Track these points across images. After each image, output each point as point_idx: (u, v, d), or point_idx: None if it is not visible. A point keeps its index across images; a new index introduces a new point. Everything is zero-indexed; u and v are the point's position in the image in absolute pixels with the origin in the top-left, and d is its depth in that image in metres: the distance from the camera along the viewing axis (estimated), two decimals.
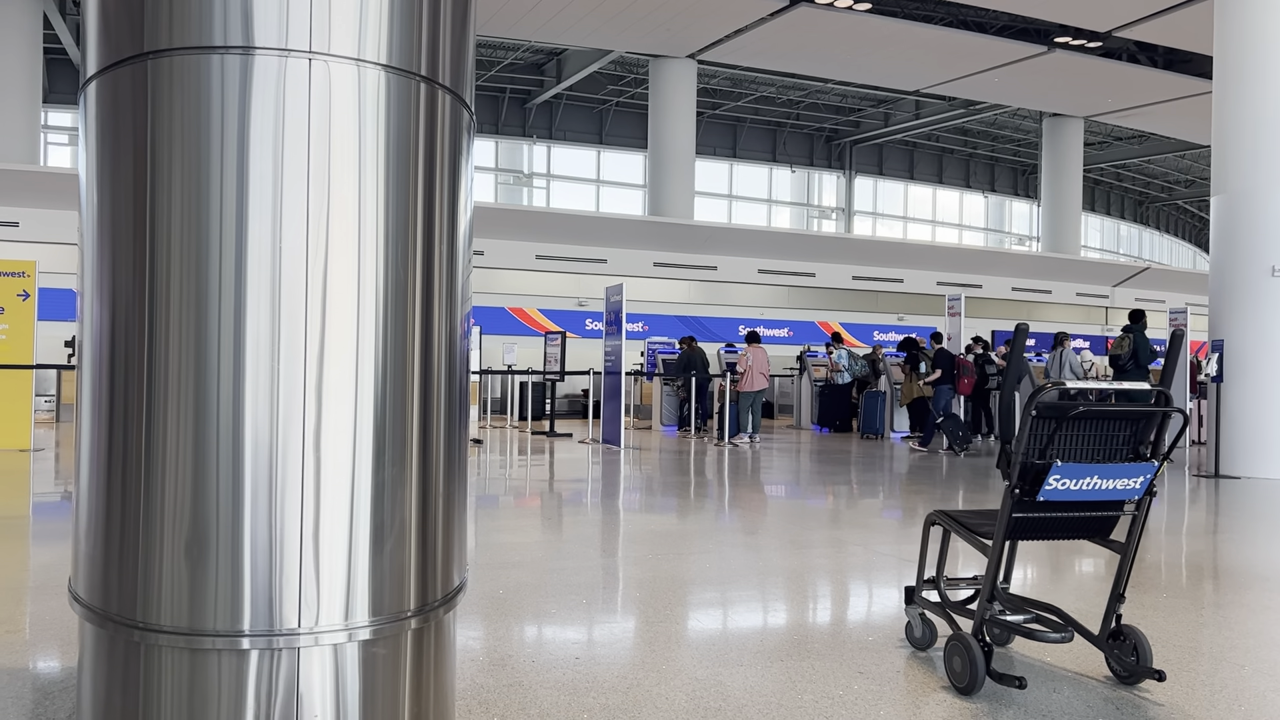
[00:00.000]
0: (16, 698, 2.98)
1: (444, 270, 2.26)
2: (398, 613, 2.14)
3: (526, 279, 19.37)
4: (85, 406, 2.19)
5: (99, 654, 2.15)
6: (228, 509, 2.01)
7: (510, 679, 3.18)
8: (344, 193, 2.07)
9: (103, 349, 2.14)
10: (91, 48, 2.20)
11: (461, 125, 2.31)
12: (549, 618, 4.03)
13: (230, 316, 2.01)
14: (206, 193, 2.01)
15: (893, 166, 30.70)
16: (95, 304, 2.16)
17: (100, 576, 2.12)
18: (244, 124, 2.01)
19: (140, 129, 2.06)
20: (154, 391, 2.04)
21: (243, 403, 2.01)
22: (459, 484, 2.37)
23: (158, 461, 2.03)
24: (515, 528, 6.45)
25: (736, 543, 5.96)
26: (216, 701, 2.01)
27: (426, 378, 2.22)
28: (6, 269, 10.61)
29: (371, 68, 2.08)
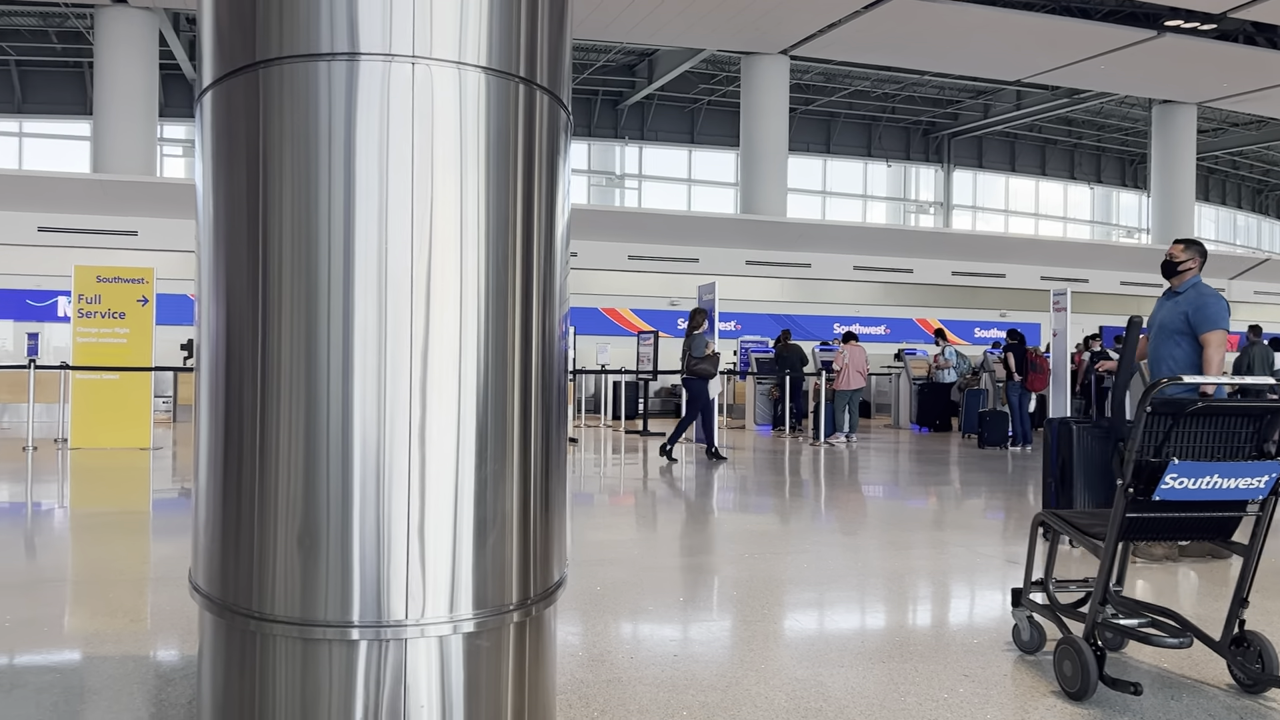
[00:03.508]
0: (141, 683, 3.12)
1: (542, 270, 2.28)
2: (500, 606, 2.18)
3: (619, 279, 19.47)
4: (203, 406, 2.28)
5: (217, 642, 2.24)
6: (337, 503, 2.07)
7: (609, 675, 3.20)
8: (446, 195, 2.11)
9: (219, 351, 2.22)
10: (207, 60, 2.29)
11: (559, 125, 2.33)
12: (646, 615, 4.04)
13: (339, 317, 2.07)
14: (315, 197, 2.07)
15: (993, 159, 29.90)
16: (212, 307, 2.25)
17: (218, 568, 2.20)
18: (350, 128, 2.06)
19: (253, 136, 2.13)
20: (267, 391, 2.11)
21: (351, 401, 2.07)
22: (559, 481, 2.40)
23: (271, 458, 2.10)
24: (610, 525, 6.49)
25: (833, 543, 5.88)
26: (328, 689, 2.07)
27: (526, 376, 2.25)
28: (127, 275, 11.13)
29: (472, 70, 2.11)
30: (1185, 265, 5.14)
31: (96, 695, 2.98)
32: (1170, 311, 5.17)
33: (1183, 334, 5.05)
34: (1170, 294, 5.23)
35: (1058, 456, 5.68)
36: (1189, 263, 5.15)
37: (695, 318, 10.95)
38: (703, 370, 10.73)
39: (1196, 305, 4.99)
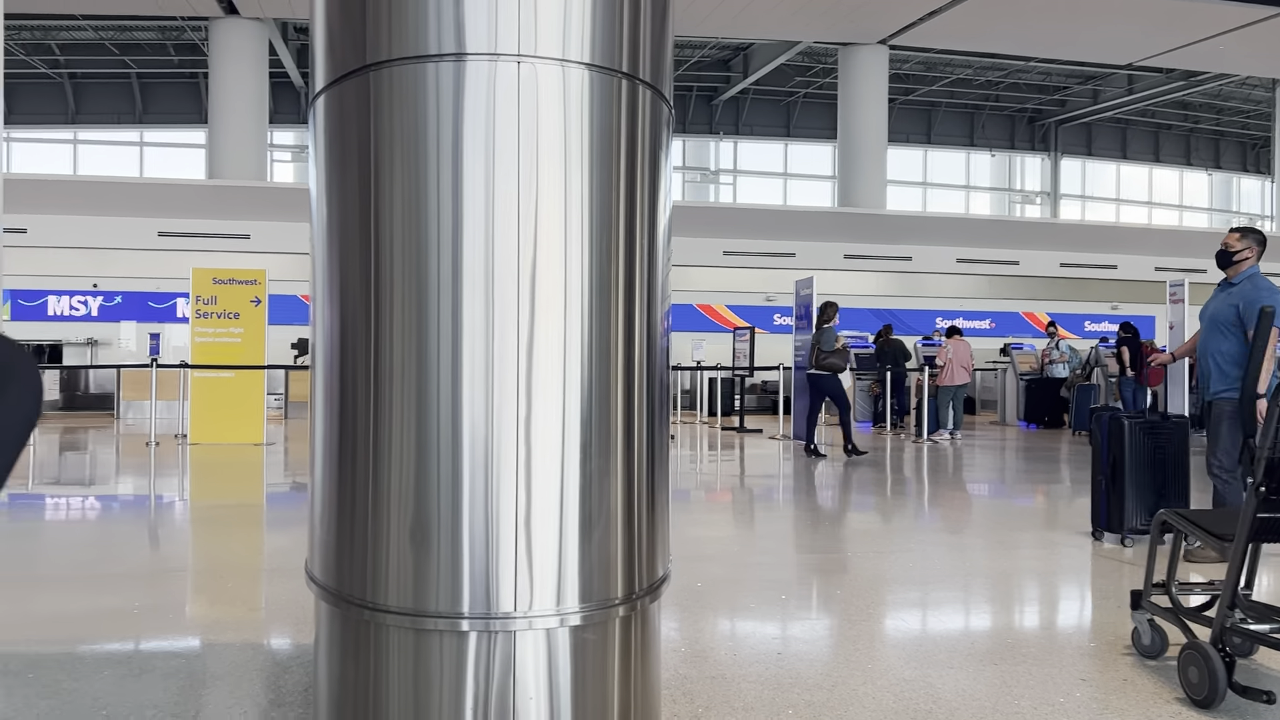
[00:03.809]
0: (260, 669, 3.24)
1: (645, 266, 2.28)
2: (606, 600, 2.19)
3: (714, 275, 19.41)
4: (318, 402, 2.35)
5: (333, 631, 2.30)
6: (447, 497, 2.10)
7: (712, 671, 3.18)
8: (550, 192, 2.12)
9: (333, 349, 2.28)
10: (319, 65, 2.35)
11: (661, 119, 2.33)
12: (748, 612, 4.01)
13: (448, 315, 2.10)
14: (424, 197, 2.11)
15: (1103, 146, 28.83)
16: (326, 307, 2.31)
17: (334, 559, 2.27)
18: (458, 128, 2.09)
19: (364, 139, 2.18)
20: (380, 388, 2.16)
21: (460, 397, 2.10)
22: (662, 477, 2.40)
23: (384, 453, 2.15)
24: (709, 522, 6.47)
25: (938, 541, 5.75)
26: (439, 678, 2.11)
27: (629, 373, 2.25)
28: (240, 277, 11.57)
29: (575, 67, 2.12)
30: (1241, 255, 4.89)
31: (219, 681, 3.10)
32: (1222, 303, 4.91)
33: (1233, 327, 4.80)
34: (1225, 285, 4.98)
35: (1108, 454, 5.48)
36: (1245, 252, 4.89)
37: (826, 311, 10.76)
38: (833, 364, 10.54)
39: (1250, 299, 4.73)
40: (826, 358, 10.53)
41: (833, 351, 10.54)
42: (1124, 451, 5.37)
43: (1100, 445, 5.53)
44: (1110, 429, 5.46)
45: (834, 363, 10.53)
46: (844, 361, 10.65)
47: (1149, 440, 5.40)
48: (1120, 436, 5.37)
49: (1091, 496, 5.67)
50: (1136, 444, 5.37)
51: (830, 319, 10.69)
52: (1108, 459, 5.47)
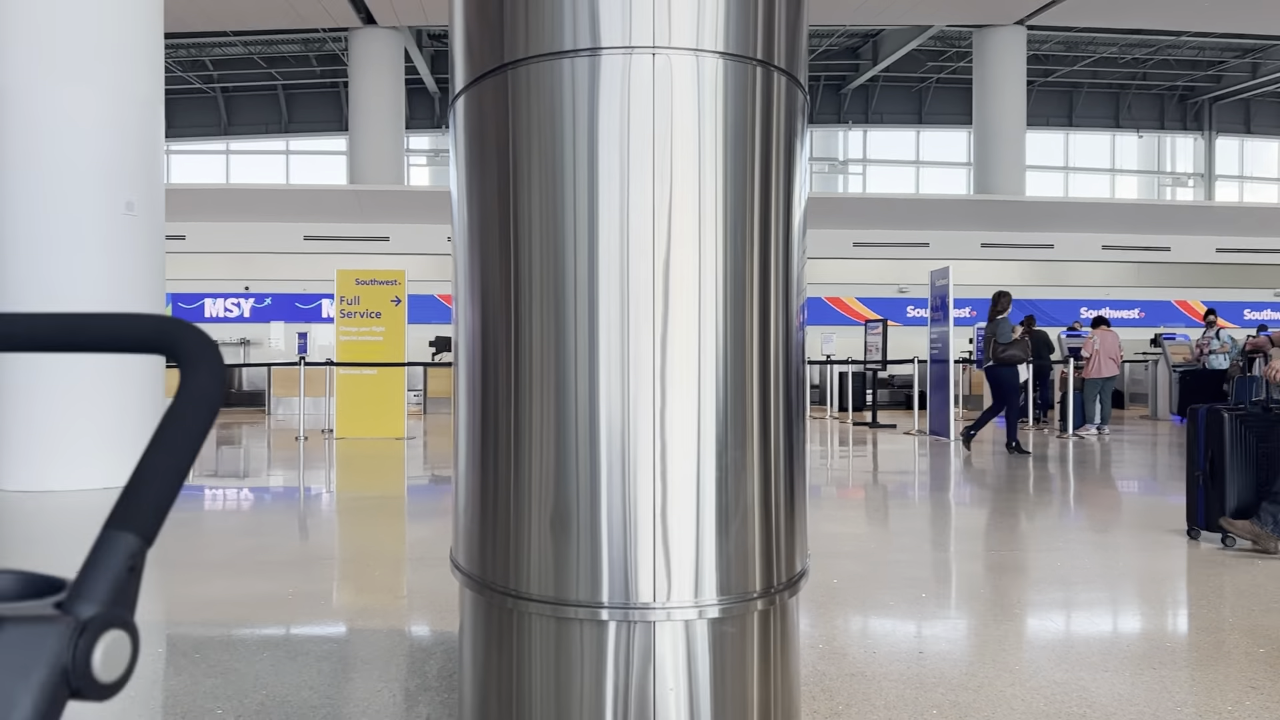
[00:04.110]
0: (406, 655, 3.35)
1: (780, 257, 2.25)
2: (744, 594, 2.17)
3: (844, 267, 19.09)
4: (461, 397, 2.41)
5: (477, 617, 2.36)
6: (586, 489, 2.12)
7: (851, 668, 3.13)
8: (685, 183, 2.12)
9: (475, 345, 2.34)
10: (458, 67, 2.41)
11: (796, 107, 2.29)
12: (886, 610, 3.93)
13: (585, 310, 2.12)
14: (561, 192, 2.14)
15: (1263, 123, 27.03)
16: (467, 304, 2.37)
17: (477, 548, 2.32)
18: (593, 123, 2.11)
19: (502, 137, 2.22)
20: (520, 381, 2.20)
21: (597, 391, 2.12)
22: (799, 471, 2.36)
23: (525, 445, 2.19)
24: (842, 518, 6.37)
25: (1086, 540, 5.50)
26: (580, 666, 2.13)
27: (765, 366, 2.23)
28: (382, 278, 12.01)
29: (709, 56, 2.11)
30: None
31: (368, 665, 3.23)
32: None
33: None
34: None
35: (1206, 448, 5.14)
36: None
37: (999, 301, 10.36)
38: (1012, 357, 10.16)
39: None
40: (1005, 350, 10.11)
41: (1010, 343, 10.11)
42: (1223, 446, 5.09)
43: (1197, 439, 5.25)
44: (1208, 422, 5.17)
45: (1014, 355, 10.10)
46: (1024, 353, 10.22)
47: (1250, 433, 5.10)
48: (1219, 430, 5.09)
49: (1186, 494, 5.37)
50: (1236, 438, 5.08)
51: (1004, 309, 10.26)
52: (1205, 454, 5.20)
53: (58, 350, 0.70)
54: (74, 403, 7.53)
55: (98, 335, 0.69)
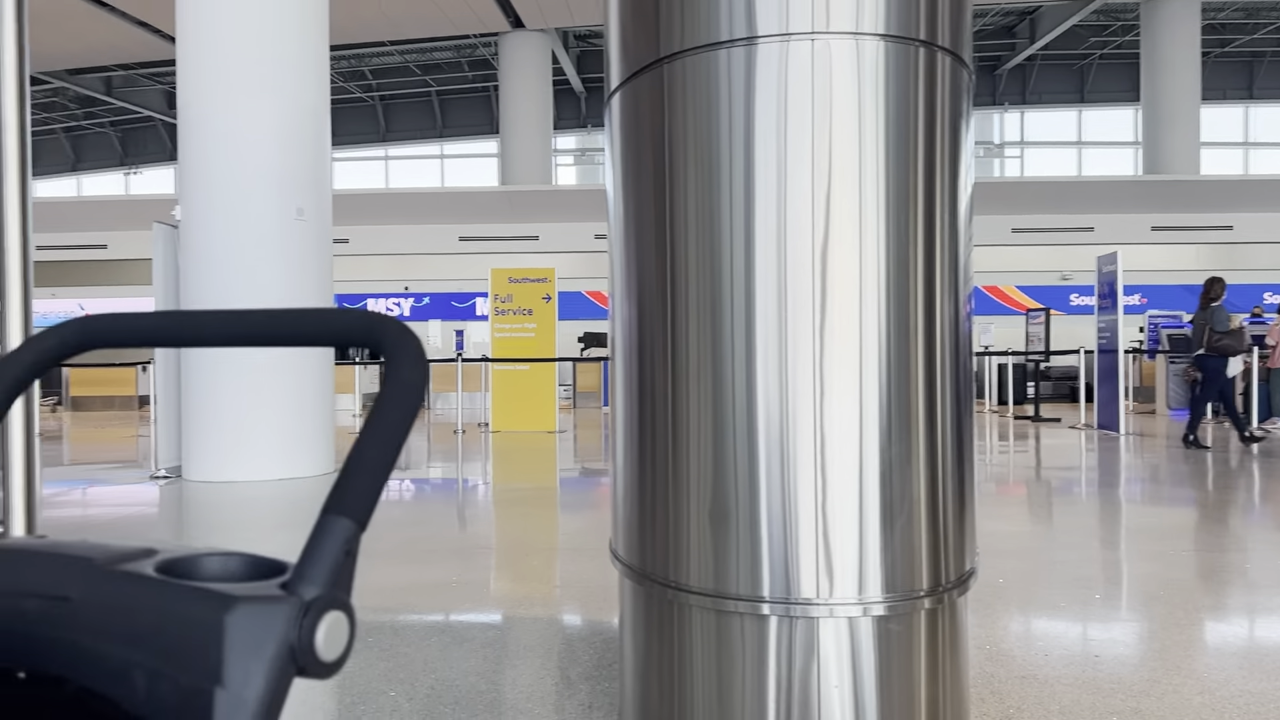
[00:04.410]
0: (566, 643, 3.42)
1: (946, 243, 2.18)
2: (910, 591, 2.11)
3: (1001, 254, 18.36)
4: (619, 391, 2.44)
5: (637, 608, 2.38)
6: (745, 483, 2.11)
7: (1021, 670, 3.00)
8: (844, 171, 2.07)
9: (631, 339, 2.36)
10: (614, 64, 2.43)
11: (961, 87, 2.21)
12: (1056, 611, 3.75)
13: (741, 300, 2.11)
14: (717, 184, 2.13)
15: None
16: (624, 299, 2.39)
17: (636, 539, 2.34)
18: (749, 112, 2.09)
19: (657, 131, 2.23)
20: (677, 375, 2.20)
21: (755, 383, 2.10)
22: (968, 466, 2.28)
23: (683, 439, 2.19)
24: (1005, 515, 6.13)
25: (1274, 541, 5.12)
26: (741, 660, 2.12)
27: (930, 358, 2.16)
28: (533, 276, 12.29)
29: (869, 39, 2.06)
30: None
31: (529, 652, 3.31)
32: None
33: None
34: None
35: None
36: None
37: (1213, 288, 9.76)
38: (1227, 346, 9.59)
39: None
40: (1220, 339, 9.51)
41: (1227, 332, 9.50)
42: None
43: None
44: None
45: (1229, 344, 9.49)
46: (1240, 343, 9.58)
47: None
48: None
49: None
50: None
51: (1218, 296, 9.65)
52: None
53: (275, 344, 0.74)
54: (250, 400, 8.02)
55: (311, 330, 0.73)
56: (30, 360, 0.80)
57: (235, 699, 0.56)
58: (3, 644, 0.61)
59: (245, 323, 0.76)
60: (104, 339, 0.80)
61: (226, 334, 0.76)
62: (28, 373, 0.80)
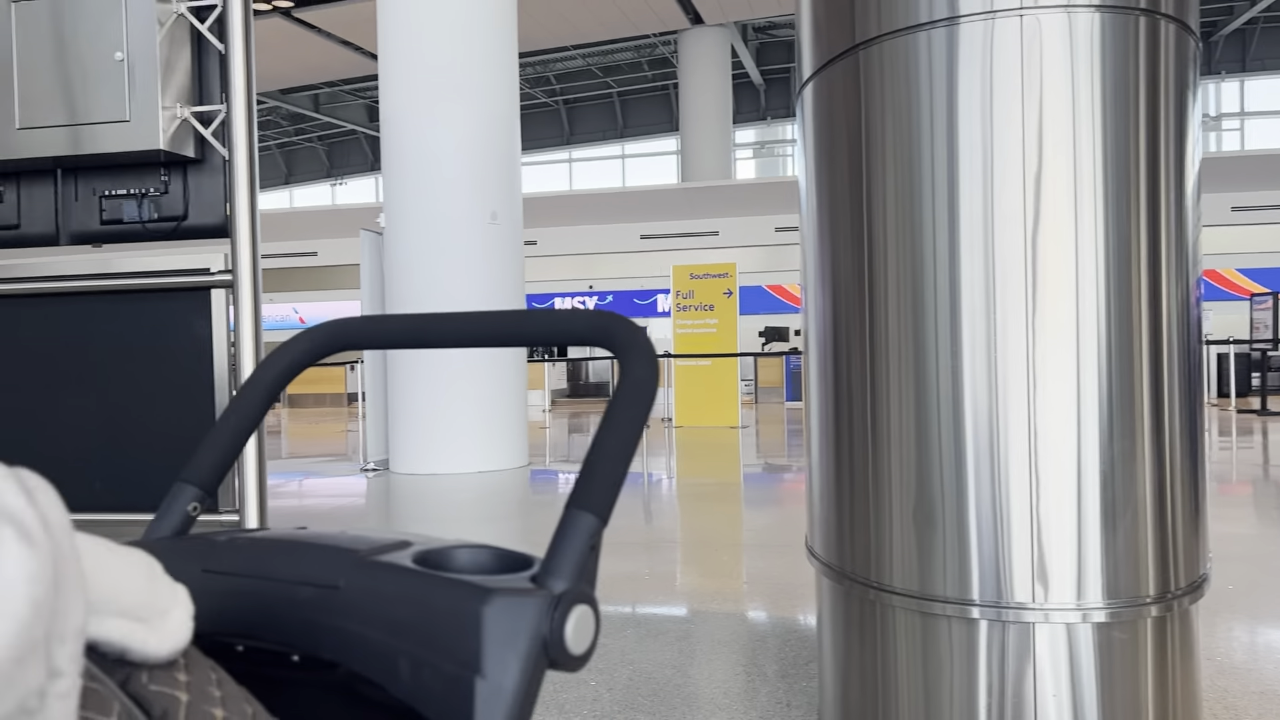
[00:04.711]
0: (758, 639, 3.40)
1: (1172, 224, 2.03)
2: (1135, 598, 1.98)
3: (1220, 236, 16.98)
4: (813, 385, 2.40)
5: (836, 606, 2.34)
6: (951, 482, 2.03)
7: (1259, 686, 2.76)
8: (1057, 151, 1.96)
9: (827, 333, 2.32)
10: (805, 54, 2.39)
11: (1187, 56, 2.05)
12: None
13: (945, 290, 2.03)
14: (917, 170, 2.06)
15: None
16: (818, 291, 2.35)
17: (834, 538, 2.30)
18: (951, 95, 2.01)
19: (853, 119, 2.18)
20: (876, 370, 2.15)
21: (961, 377, 2.02)
22: (1199, 464, 2.12)
23: (883, 435, 2.14)
24: (1231, 516, 5.67)
25: None
26: (949, 664, 2.05)
27: (1156, 348, 2.01)
28: (713, 271, 12.32)
29: (1083, 11, 1.94)
30: None
31: (721, 647, 3.31)
32: None
33: None
34: None
35: None
36: None
37: None
38: None
39: None
40: None
41: None
42: None
43: None
44: None
45: None
46: None
47: None
48: None
49: None
50: None
51: None
52: None
53: (515, 344, 0.77)
54: (450, 397, 8.41)
55: (549, 330, 0.75)
56: (286, 363, 0.86)
57: (494, 688, 0.58)
58: (280, 627, 0.66)
59: (487, 324, 0.79)
60: (352, 341, 0.85)
61: (469, 335, 0.79)
62: (284, 375, 0.86)
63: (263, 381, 0.85)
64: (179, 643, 0.54)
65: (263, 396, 0.85)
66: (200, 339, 3.27)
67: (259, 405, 0.85)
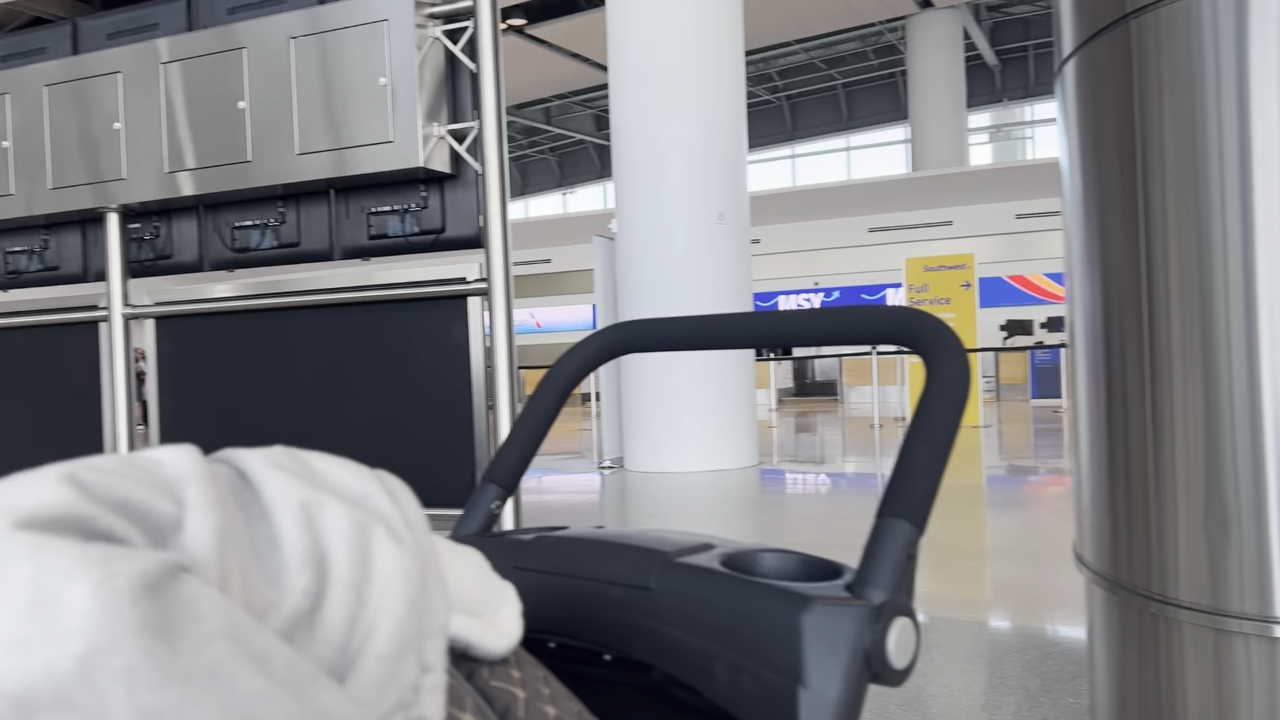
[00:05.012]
0: (1013, 650, 3.23)
1: None
2: None
3: None
4: (1082, 382, 2.25)
5: (1110, 618, 2.18)
6: (1248, 485, 1.84)
7: None
8: None
9: (1096, 325, 2.16)
10: (1066, 29, 2.25)
11: None
12: None
13: (1238, 273, 1.84)
14: (1202, 146, 1.88)
15: None
16: (1086, 281, 2.20)
17: (1107, 545, 2.14)
18: (1242, 60, 1.82)
19: (1124, 95, 2.02)
20: (1156, 364, 1.98)
21: (1258, 369, 1.83)
22: None
23: (1165, 436, 1.97)
24: None
25: None
26: (1248, 688, 1.86)
27: None
28: (949, 263, 11.83)
29: None
30: None
31: (977, 658, 3.17)
32: None
33: None
34: None
35: None
36: None
37: None
38: None
39: None
40: None
41: None
42: None
43: None
44: None
45: None
46: None
47: None
48: None
49: None
50: None
51: None
52: None
53: (809, 343, 0.76)
54: (680, 396, 8.53)
55: (846, 328, 0.74)
56: (575, 366, 0.89)
57: (818, 699, 0.56)
58: (592, 626, 0.68)
59: (775, 325, 0.78)
60: (638, 344, 0.86)
61: (756, 336, 0.79)
62: (574, 377, 0.89)
63: (555, 384, 0.88)
64: (514, 639, 0.55)
65: (555, 398, 0.88)
66: (458, 344, 3.47)
67: (552, 406, 0.88)
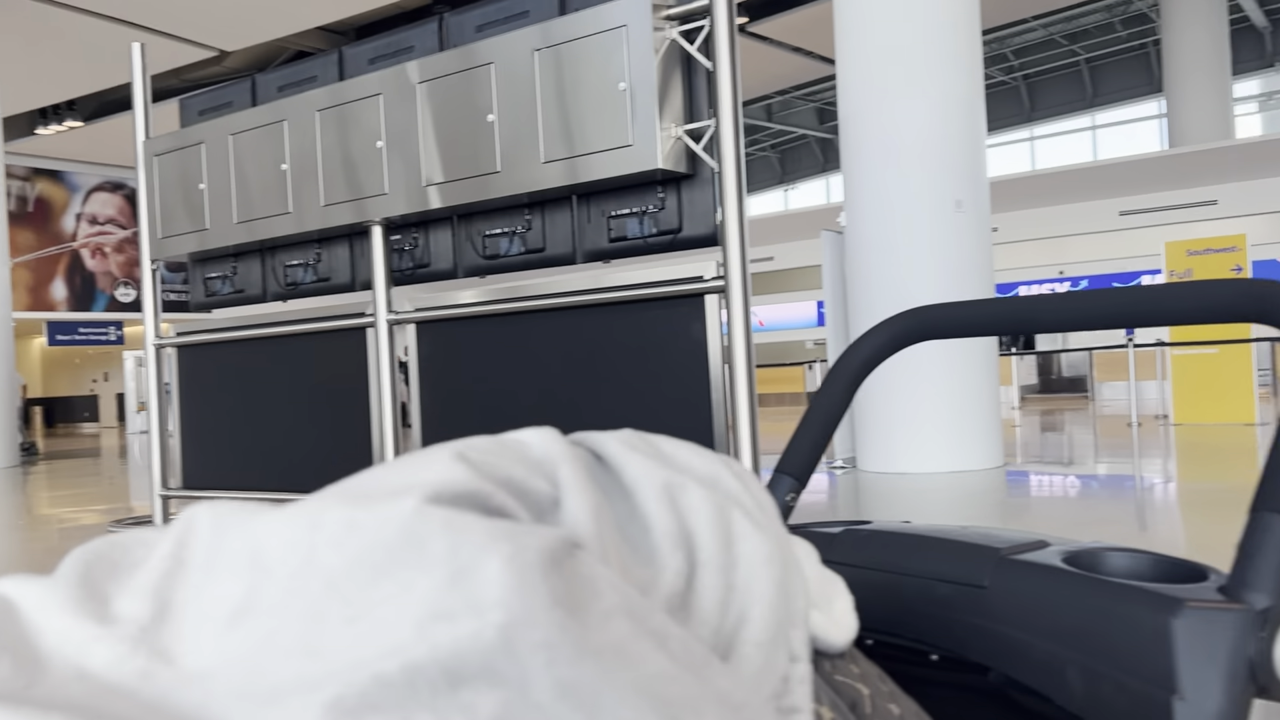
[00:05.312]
0: None
1: None
2: None
3: None
4: None
5: None
6: None
7: None
8: None
9: None
10: None
11: None
12: None
13: None
14: None
15: None
16: None
17: None
18: None
19: None
20: None
21: None
22: None
23: None
24: None
25: None
26: None
27: None
28: (1216, 245, 10.80)
29: None
30: None
31: None
32: None
33: None
34: None
35: None
36: None
37: None
38: None
39: None
40: None
41: None
42: None
43: None
44: None
45: None
46: None
47: None
48: None
49: None
50: None
51: None
52: None
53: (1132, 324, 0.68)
54: (918, 393, 8.22)
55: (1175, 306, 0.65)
56: (866, 354, 0.84)
57: (1196, 713, 0.50)
58: (916, 624, 0.64)
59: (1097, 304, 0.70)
60: (935, 330, 0.81)
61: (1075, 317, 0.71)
62: (865, 365, 0.85)
63: (845, 372, 0.84)
64: (852, 632, 0.52)
65: (846, 387, 0.84)
66: (696, 341, 3.48)
67: (843, 396, 0.84)
